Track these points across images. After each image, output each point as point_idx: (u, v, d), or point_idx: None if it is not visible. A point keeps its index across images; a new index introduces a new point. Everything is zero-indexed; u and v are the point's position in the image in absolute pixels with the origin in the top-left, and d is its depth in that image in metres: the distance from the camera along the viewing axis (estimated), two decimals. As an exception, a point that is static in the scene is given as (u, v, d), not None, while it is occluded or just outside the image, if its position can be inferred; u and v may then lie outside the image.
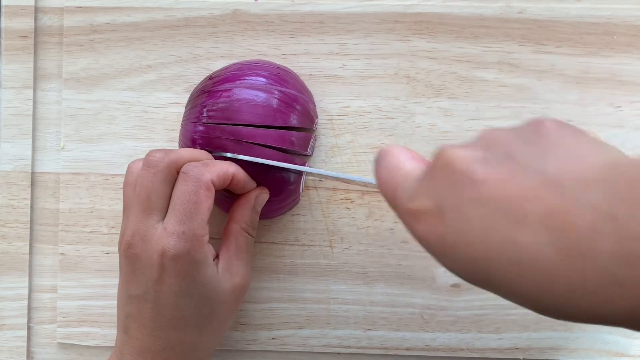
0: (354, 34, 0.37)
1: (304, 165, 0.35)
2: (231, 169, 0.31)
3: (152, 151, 0.31)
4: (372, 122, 0.37)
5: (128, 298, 0.31)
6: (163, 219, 0.30)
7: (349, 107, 0.37)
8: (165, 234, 0.29)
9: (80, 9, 0.38)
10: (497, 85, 0.37)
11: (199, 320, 0.31)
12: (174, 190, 0.30)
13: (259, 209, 0.34)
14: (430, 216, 0.22)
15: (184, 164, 0.31)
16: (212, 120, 0.32)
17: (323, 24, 0.37)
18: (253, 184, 0.33)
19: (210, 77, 0.34)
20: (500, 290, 0.21)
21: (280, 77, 0.34)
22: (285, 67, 0.36)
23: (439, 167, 0.22)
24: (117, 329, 0.33)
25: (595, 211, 0.18)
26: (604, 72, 0.37)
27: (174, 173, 0.31)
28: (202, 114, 0.33)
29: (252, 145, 0.32)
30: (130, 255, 0.30)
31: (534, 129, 0.22)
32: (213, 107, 0.32)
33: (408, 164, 0.25)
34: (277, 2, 0.37)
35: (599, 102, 0.37)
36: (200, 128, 0.33)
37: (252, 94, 0.32)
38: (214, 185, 0.30)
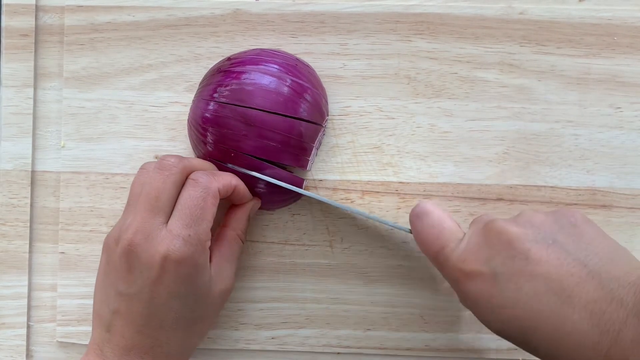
0: (355, 34, 0.37)
1: (310, 157, 0.35)
2: (234, 181, 0.33)
3: (166, 155, 0.32)
4: (373, 122, 0.37)
5: (116, 295, 0.31)
6: (167, 221, 0.30)
7: (349, 107, 0.37)
8: (170, 236, 0.30)
9: (81, 8, 0.38)
10: (497, 85, 0.37)
11: (189, 321, 0.32)
12: (182, 195, 0.31)
13: (251, 217, 0.36)
14: (483, 279, 0.28)
15: (193, 172, 0.32)
16: (224, 99, 0.32)
17: (324, 23, 0.37)
18: (250, 195, 0.34)
19: (228, 58, 0.35)
20: (537, 352, 0.27)
21: (297, 68, 0.34)
22: (305, 61, 0.36)
23: (494, 236, 0.28)
24: (94, 328, 0.32)
25: (626, 307, 0.25)
26: (604, 73, 0.37)
27: (184, 179, 0.32)
28: (215, 92, 0.33)
29: (261, 129, 0.32)
30: (130, 253, 0.30)
31: (568, 220, 0.28)
32: (226, 87, 0.33)
33: (451, 224, 0.31)
34: (278, 1, 0.37)
35: (599, 103, 0.37)
36: (212, 107, 0.33)
37: (265, 79, 0.33)
38: (219, 194, 0.32)
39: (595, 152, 0.37)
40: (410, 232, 0.33)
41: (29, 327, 0.39)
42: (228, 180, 0.32)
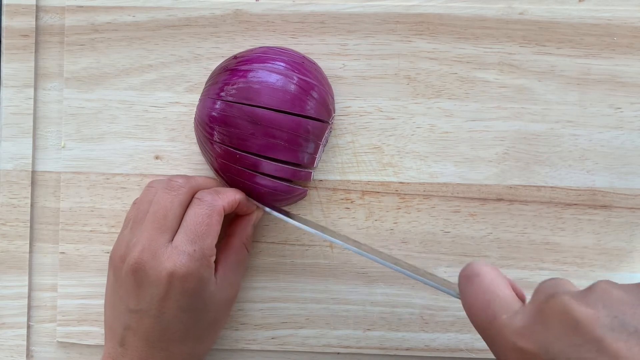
0: (355, 34, 0.37)
1: (318, 149, 0.35)
2: (238, 196, 0.34)
3: (174, 176, 0.33)
4: (373, 122, 0.37)
5: (127, 311, 0.31)
6: (172, 239, 0.31)
7: (349, 107, 0.37)
8: (175, 252, 0.30)
9: (81, 8, 0.38)
10: (497, 86, 0.37)
11: (198, 330, 0.32)
12: (187, 213, 0.32)
13: (256, 226, 0.36)
14: None
15: (199, 191, 0.33)
16: (231, 98, 0.33)
17: (324, 24, 0.37)
18: (254, 206, 0.35)
19: (234, 57, 0.35)
20: None
21: (304, 65, 0.34)
22: (311, 59, 0.36)
23: (556, 316, 0.22)
24: (107, 340, 0.33)
25: None
26: (604, 73, 0.37)
27: (190, 198, 0.33)
28: (222, 91, 0.33)
29: (268, 127, 0.32)
30: (138, 271, 0.31)
31: None
32: (233, 86, 0.33)
33: (506, 292, 0.26)
34: (278, 2, 0.37)
35: (599, 104, 0.37)
36: (219, 105, 0.33)
37: (272, 78, 0.33)
38: (224, 211, 0.32)
39: (595, 152, 0.37)
40: (459, 296, 0.28)
41: (29, 327, 0.39)
42: (232, 196, 0.33)
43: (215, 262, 0.33)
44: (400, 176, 0.37)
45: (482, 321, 0.26)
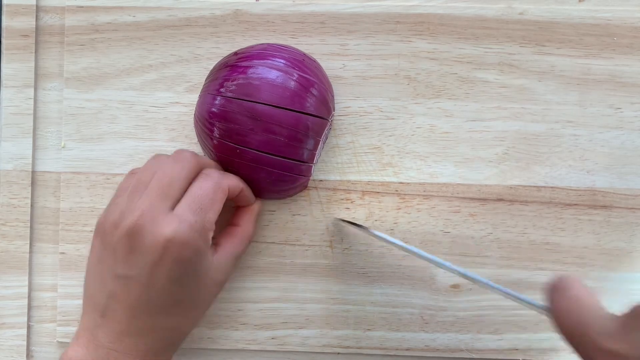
0: (355, 35, 0.37)
1: (320, 142, 0.35)
2: (241, 184, 0.34)
3: (182, 150, 0.33)
4: (373, 122, 0.37)
5: (114, 278, 0.30)
6: (172, 209, 0.31)
7: (349, 107, 0.37)
8: (176, 220, 0.30)
9: (81, 9, 0.38)
10: (497, 86, 0.37)
11: (185, 307, 0.32)
12: (193, 185, 0.32)
13: (258, 219, 0.37)
14: None
15: (205, 168, 0.33)
16: (231, 94, 0.33)
17: (324, 24, 0.37)
18: (254, 198, 0.35)
19: (235, 53, 0.35)
20: None
21: (304, 63, 0.34)
22: (311, 56, 0.36)
23: None
24: (85, 314, 0.32)
25: None
26: (604, 73, 0.37)
27: (196, 173, 0.32)
28: (222, 87, 0.33)
29: (267, 123, 0.32)
30: (134, 235, 0.30)
31: None
32: (233, 82, 0.33)
33: (595, 302, 0.27)
34: (278, 2, 0.37)
35: (599, 104, 0.37)
36: (218, 101, 0.33)
37: (272, 74, 0.33)
38: (228, 192, 0.33)
39: (595, 152, 0.37)
40: (546, 309, 0.28)
41: (29, 327, 0.39)
42: (236, 182, 0.34)
43: (218, 244, 0.33)
44: (400, 176, 0.37)
45: (574, 331, 0.27)
